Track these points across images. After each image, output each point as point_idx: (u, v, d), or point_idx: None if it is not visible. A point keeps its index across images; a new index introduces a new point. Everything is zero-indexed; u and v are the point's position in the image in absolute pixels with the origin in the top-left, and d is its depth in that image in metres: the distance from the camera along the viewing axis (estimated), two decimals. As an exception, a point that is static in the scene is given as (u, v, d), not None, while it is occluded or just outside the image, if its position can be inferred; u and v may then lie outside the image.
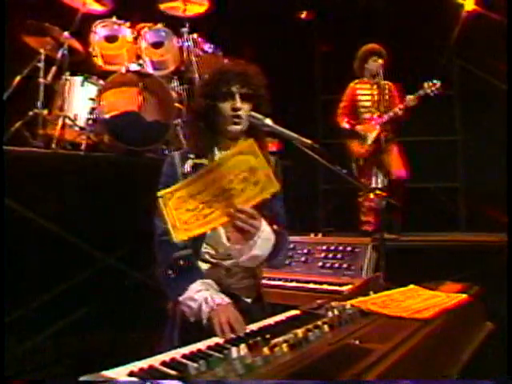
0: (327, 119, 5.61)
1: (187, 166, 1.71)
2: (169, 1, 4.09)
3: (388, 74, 4.14)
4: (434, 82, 3.88)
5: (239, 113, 1.69)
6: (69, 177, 3.24)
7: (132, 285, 3.16)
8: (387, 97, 4.13)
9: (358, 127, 4.16)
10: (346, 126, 4.21)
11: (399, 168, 4.08)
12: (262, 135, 1.74)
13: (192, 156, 1.73)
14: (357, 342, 1.20)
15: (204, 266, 1.71)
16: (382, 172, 4.15)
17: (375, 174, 4.15)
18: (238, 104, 1.69)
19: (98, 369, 1.04)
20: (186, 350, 1.19)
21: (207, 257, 1.72)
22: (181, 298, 1.57)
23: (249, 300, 1.75)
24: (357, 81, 4.28)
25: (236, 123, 1.70)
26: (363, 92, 4.21)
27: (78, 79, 3.58)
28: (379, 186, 4.09)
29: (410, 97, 3.96)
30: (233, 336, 1.37)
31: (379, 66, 4.09)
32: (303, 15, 5.64)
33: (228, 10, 4.61)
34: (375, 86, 4.15)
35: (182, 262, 1.62)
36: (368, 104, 4.18)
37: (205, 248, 1.71)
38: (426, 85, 3.89)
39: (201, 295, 1.54)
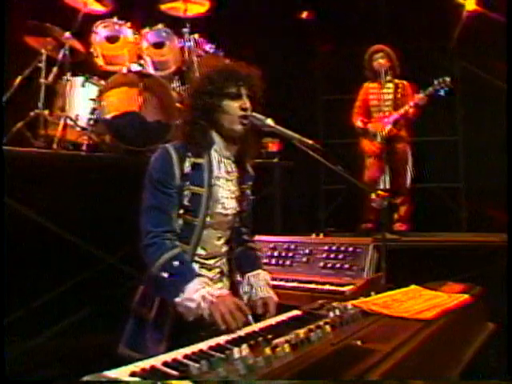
0: (328, 119, 5.65)
1: (187, 166, 1.68)
2: (170, 1, 4.09)
3: (400, 73, 4.18)
4: (445, 78, 3.89)
5: (248, 113, 1.72)
6: (70, 177, 3.24)
7: (133, 285, 3.15)
8: (399, 95, 4.14)
9: (370, 125, 4.20)
10: (360, 124, 4.24)
11: (405, 168, 4.11)
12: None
13: (189, 154, 1.69)
14: (358, 343, 1.20)
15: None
16: (391, 170, 4.17)
17: (384, 173, 4.16)
18: (248, 104, 1.72)
19: (100, 369, 1.04)
20: (188, 350, 1.18)
21: (196, 258, 1.73)
22: (179, 300, 1.53)
23: None
24: (370, 81, 4.31)
25: (243, 123, 1.71)
26: (375, 91, 4.23)
27: (79, 79, 3.58)
28: (387, 184, 4.10)
29: (419, 95, 3.98)
30: (236, 326, 1.40)
31: (384, 66, 4.12)
32: (303, 15, 5.63)
33: (228, 10, 4.61)
34: (388, 85, 4.17)
35: (175, 263, 1.59)
36: (380, 103, 4.18)
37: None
38: (435, 81, 3.91)
39: (198, 294, 1.52)
